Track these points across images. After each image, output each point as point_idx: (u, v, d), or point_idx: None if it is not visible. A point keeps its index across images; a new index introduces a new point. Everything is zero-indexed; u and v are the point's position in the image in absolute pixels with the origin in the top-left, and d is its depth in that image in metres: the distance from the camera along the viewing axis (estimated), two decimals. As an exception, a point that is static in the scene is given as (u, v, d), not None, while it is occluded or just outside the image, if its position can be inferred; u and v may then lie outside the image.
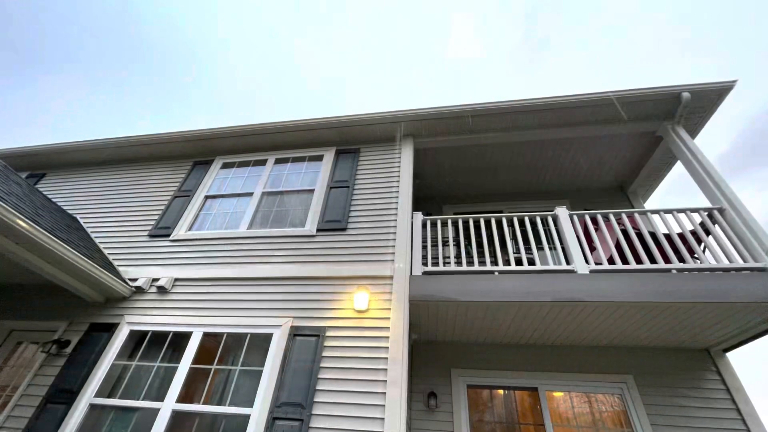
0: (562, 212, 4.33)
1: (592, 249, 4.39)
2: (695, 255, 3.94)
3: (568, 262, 4.03)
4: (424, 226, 4.74)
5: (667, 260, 3.96)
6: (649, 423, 4.01)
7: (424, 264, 4.32)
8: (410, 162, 5.16)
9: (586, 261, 3.97)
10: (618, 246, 4.24)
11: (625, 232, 4.29)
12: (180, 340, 4.01)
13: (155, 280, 4.51)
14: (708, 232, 4.04)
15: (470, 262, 4.96)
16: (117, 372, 3.96)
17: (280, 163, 5.72)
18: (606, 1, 52.50)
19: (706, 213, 4.11)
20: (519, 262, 4.48)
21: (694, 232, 4.14)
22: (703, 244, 4.03)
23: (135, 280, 4.54)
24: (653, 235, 4.19)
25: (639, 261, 3.99)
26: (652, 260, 4.05)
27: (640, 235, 4.20)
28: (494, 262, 4.99)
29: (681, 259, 3.95)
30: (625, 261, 4.11)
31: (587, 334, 4.32)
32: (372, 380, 3.39)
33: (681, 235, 4.05)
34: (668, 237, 4.08)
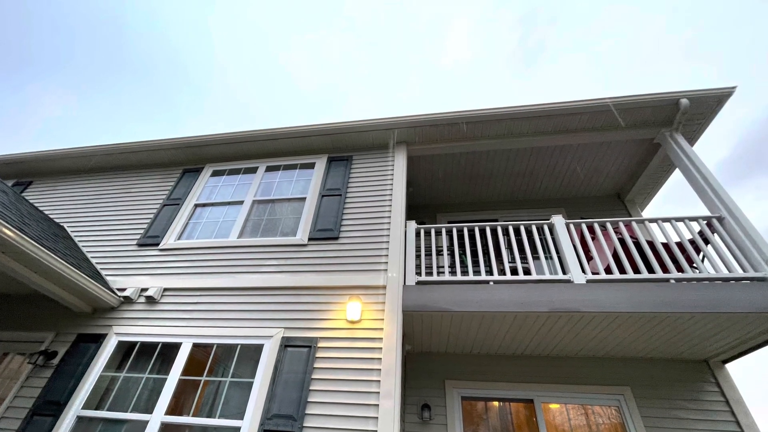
0: (558, 221, 4.27)
1: (589, 258, 4.33)
2: (694, 264, 3.88)
3: (564, 272, 3.96)
4: (417, 235, 4.68)
5: (665, 270, 3.90)
6: (647, 435, 3.95)
7: (418, 274, 4.26)
8: (404, 169, 5.09)
9: (583, 270, 3.91)
10: (615, 255, 4.17)
11: (622, 241, 4.22)
12: (169, 351, 3.94)
13: (144, 290, 4.44)
14: (707, 241, 3.98)
15: (465, 272, 4.89)
16: (105, 384, 3.89)
17: (271, 171, 5.63)
18: (604, 3, 52.75)
19: (705, 222, 4.05)
20: (514, 271, 4.41)
21: (692, 241, 4.07)
22: (702, 254, 3.96)
23: (123, 290, 4.47)
24: (651, 244, 4.14)
25: (637, 271, 3.92)
26: (650, 270, 3.99)
27: (637, 245, 4.14)
28: (489, 272, 4.94)
29: (679, 269, 3.89)
30: (622, 271, 4.06)
31: (584, 345, 4.25)
32: (365, 392, 3.33)
33: (679, 245, 3.99)
34: (666, 246, 4.02)
